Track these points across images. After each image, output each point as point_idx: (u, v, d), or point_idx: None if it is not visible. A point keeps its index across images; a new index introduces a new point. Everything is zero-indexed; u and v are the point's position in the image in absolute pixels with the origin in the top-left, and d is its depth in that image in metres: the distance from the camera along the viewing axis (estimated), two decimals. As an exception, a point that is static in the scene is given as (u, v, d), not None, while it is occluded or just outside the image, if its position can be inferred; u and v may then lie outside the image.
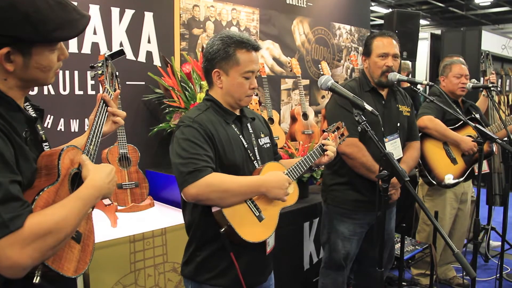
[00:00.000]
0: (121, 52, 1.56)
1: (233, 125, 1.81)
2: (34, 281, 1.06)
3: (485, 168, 3.81)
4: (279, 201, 1.77)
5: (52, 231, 1.03)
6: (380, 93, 2.62)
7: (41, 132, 1.25)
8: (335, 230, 2.63)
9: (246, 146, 1.81)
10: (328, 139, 1.92)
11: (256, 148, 1.85)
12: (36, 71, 1.13)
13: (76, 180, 1.22)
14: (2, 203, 0.98)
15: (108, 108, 1.43)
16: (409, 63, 5.82)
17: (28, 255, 1.00)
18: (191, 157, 1.64)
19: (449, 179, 3.19)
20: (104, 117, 1.41)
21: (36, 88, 2.71)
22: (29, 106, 1.26)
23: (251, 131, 1.87)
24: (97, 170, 1.22)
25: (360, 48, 5.31)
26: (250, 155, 1.81)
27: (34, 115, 1.25)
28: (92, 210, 1.29)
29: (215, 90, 1.81)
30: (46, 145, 1.26)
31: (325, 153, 1.87)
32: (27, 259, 1.00)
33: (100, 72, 1.47)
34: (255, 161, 1.82)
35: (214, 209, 1.67)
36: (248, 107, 2.01)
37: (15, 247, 0.98)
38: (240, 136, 1.81)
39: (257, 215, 1.73)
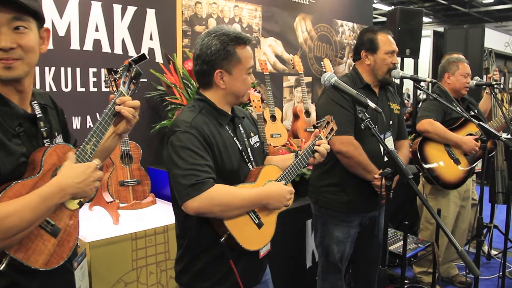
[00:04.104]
0: (143, 57, 1.59)
1: (226, 127, 1.74)
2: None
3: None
4: None
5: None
6: (374, 90, 2.55)
7: (43, 129, 1.27)
8: (329, 234, 2.55)
9: (240, 148, 1.76)
10: (321, 137, 1.88)
11: (249, 149, 1.81)
12: None
13: None
14: None
15: (116, 107, 1.37)
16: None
17: None
18: (191, 168, 1.56)
19: None
20: (110, 117, 1.36)
21: (37, 85, 2.70)
22: (36, 104, 1.28)
23: (243, 132, 1.82)
24: (69, 169, 1.21)
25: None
26: (245, 157, 1.77)
27: (38, 112, 1.28)
28: (80, 207, 1.31)
29: (213, 91, 1.72)
30: (47, 141, 1.28)
31: (314, 154, 1.84)
32: None
33: (118, 76, 1.46)
34: (249, 163, 1.78)
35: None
36: (248, 105, 1.98)
37: None
38: (234, 138, 1.75)
39: (256, 222, 1.71)
